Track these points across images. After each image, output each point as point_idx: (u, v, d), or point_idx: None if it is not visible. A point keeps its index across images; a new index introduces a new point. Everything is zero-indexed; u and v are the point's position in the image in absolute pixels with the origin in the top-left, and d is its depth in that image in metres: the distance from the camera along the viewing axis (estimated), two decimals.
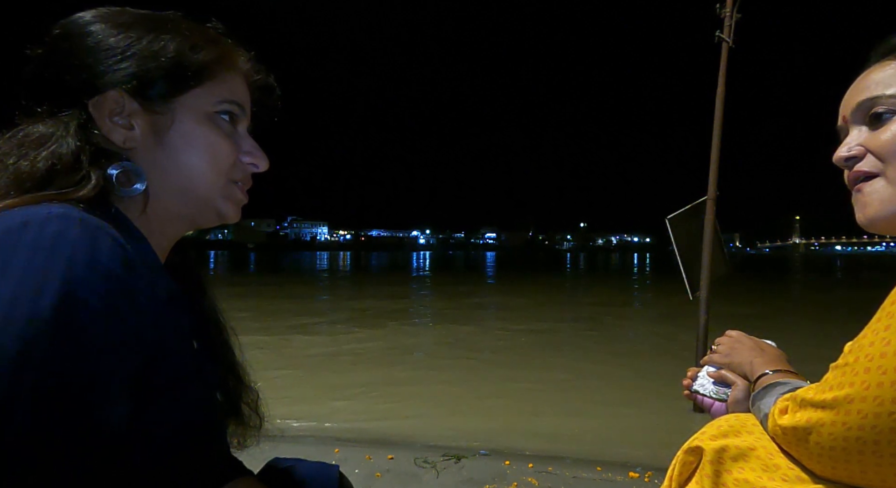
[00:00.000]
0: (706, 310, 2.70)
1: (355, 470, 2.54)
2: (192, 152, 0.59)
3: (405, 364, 5.74)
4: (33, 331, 0.38)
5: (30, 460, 0.37)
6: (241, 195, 0.65)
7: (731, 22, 2.53)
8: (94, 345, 0.41)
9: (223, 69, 0.62)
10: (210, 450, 0.58)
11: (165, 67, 0.58)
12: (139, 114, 0.58)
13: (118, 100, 0.57)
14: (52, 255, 0.42)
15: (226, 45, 0.64)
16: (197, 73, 0.60)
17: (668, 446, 0.96)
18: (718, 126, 2.55)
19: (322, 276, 24.47)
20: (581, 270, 33.83)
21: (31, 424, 0.37)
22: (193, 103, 0.60)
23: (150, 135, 0.58)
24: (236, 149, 0.63)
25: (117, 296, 0.44)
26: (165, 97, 0.58)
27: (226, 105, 0.62)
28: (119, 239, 0.47)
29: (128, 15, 0.60)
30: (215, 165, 0.61)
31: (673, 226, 2.81)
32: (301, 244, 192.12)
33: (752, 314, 9.70)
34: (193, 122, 0.60)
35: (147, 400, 0.48)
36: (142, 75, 0.57)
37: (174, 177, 0.59)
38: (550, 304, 11.72)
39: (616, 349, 6.59)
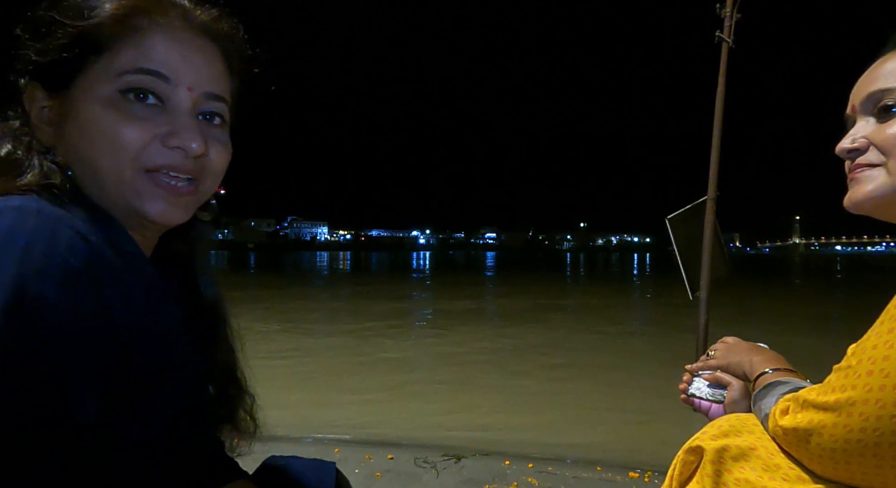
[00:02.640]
0: (706, 311, 2.70)
1: (355, 470, 2.54)
2: (88, 144, 0.50)
3: (405, 364, 5.74)
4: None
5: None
6: (169, 189, 0.53)
7: (732, 22, 2.53)
8: (54, 340, 0.39)
9: (132, 28, 0.50)
10: (199, 444, 0.56)
11: (59, 39, 0.49)
12: (50, 103, 0.52)
13: (32, 92, 0.52)
14: (5, 249, 0.39)
15: (108, 5, 0.50)
16: (88, 42, 0.49)
17: (668, 446, 0.96)
18: (718, 126, 2.55)
19: (322, 277, 24.45)
20: (580, 271, 33.81)
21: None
22: (91, 82, 0.50)
23: (59, 126, 0.52)
24: (148, 133, 0.51)
25: (78, 288, 0.41)
26: (63, 79, 0.50)
27: (134, 77, 0.50)
28: (81, 230, 0.44)
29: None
30: (117, 157, 0.50)
31: (673, 226, 2.81)
32: (301, 244, 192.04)
33: (753, 315, 9.69)
34: (88, 106, 0.50)
35: (129, 393, 0.46)
36: (37, 56, 0.50)
37: (87, 174, 0.51)
38: (550, 305, 11.71)
39: (616, 348, 6.59)
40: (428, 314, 10.41)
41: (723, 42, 2.64)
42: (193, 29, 0.53)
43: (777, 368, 0.82)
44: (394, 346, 6.68)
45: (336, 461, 0.76)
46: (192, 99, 0.53)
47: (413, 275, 26.46)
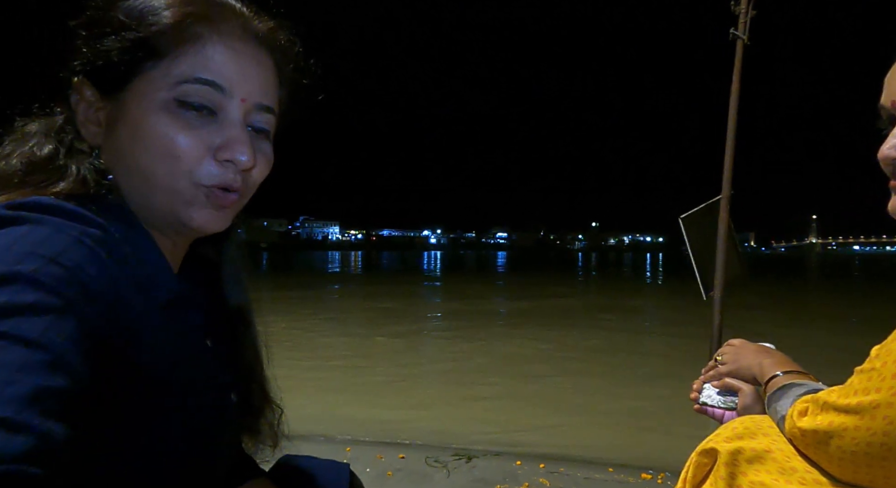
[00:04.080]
0: (720, 311, 2.67)
1: (367, 470, 2.55)
2: (142, 151, 0.49)
3: (417, 364, 5.75)
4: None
5: None
6: (216, 200, 0.52)
7: (747, 18, 2.50)
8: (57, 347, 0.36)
9: (191, 35, 0.49)
10: (217, 456, 0.57)
11: (114, 44, 0.49)
12: (102, 105, 0.51)
13: (85, 92, 0.51)
14: (21, 254, 0.39)
15: (197, 3, 0.50)
16: (150, 47, 0.48)
17: (681, 447, 0.95)
18: (733, 123, 2.52)
19: (335, 277, 24.58)
20: (592, 270, 33.61)
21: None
22: (147, 88, 0.49)
23: (108, 129, 0.51)
24: (203, 144, 0.50)
25: (68, 293, 0.39)
26: (118, 82, 0.50)
27: (191, 86, 0.49)
28: (85, 239, 0.43)
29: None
30: (172, 166, 0.49)
31: (686, 225, 2.78)
32: (313, 244, 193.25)
33: (766, 318, 9.56)
34: (143, 113, 0.49)
35: (144, 408, 0.46)
36: (93, 57, 0.50)
37: (134, 179, 0.51)
38: (560, 306, 11.65)
39: (629, 349, 6.54)
40: (437, 314, 10.42)
41: (738, 39, 2.60)
42: (251, 39, 0.53)
43: (788, 370, 0.81)
44: (407, 346, 6.69)
45: (348, 460, 0.76)
46: (243, 110, 0.52)
47: (423, 275, 26.48)
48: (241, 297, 0.66)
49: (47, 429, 0.33)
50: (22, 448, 0.31)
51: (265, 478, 0.70)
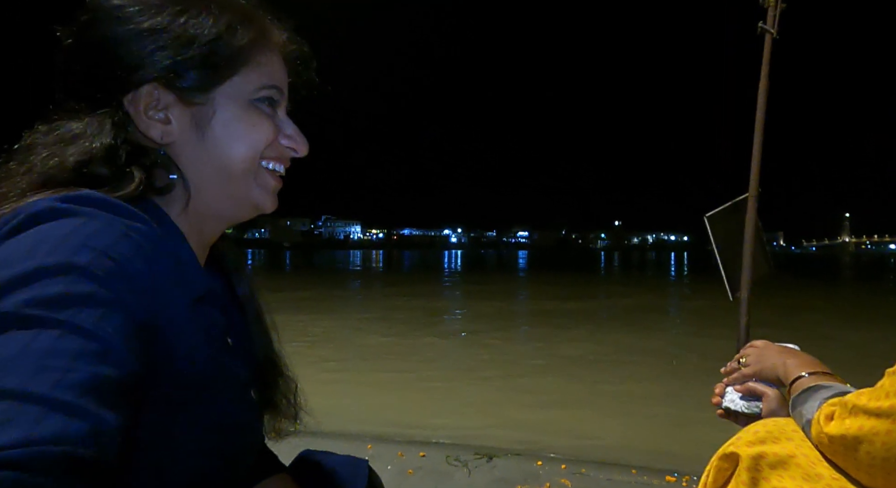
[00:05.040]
0: (747, 312, 2.61)
1: (387, 467, 2.57)
2: (233, 140, 0.57)
3: (439, 362, 5.76)
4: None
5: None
6: (273, 181, 0.61)
7: (776, 12, 2.43)
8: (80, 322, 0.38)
9: (261, 50, 0.59)
10: (243, 450, 0.58)
11: (202, 56, 0.55)
12: (177, 106, 0.56)
13: (154, 94, 0.55)
14: (63, 243, 0.41)
15: (262, 21, 0.60)
16: (234, 60, 0.56)
17: (706, 450, 0.93)
18: (761, 120, 2.45)
19: (355, 276, 24.78)
20: (615, 270, 33.18)
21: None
22: (233, 91, 0.57)
23: (191, 127, 0.56)
24: (276, 131, 0.60)
25: (118, 288, 0.41)
26: (204, 88, 0.56)
27: (265, 91, 0.59)
28: (132, 233, 0.46)
29: (156, 3, 0.55)
30: (252, 149, 0.58)
31: (712, 224, 2.72)
32: (335, 243, 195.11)
33: (793, 319, 9.31)
34: (235, 111, 0.57)
35: (177, 403, 0.47)
36: (177, 66, 0.54)
37: (214, 167, 0.57)
38: (584, 307, 11.54)
39: (653, 350, 6.44)
40: (459, 314, 10.42)
41: (766, 33, 2.54)
42: (288, 52, 0.63)
43: (814, 372, 0.78)
44: (428, 345, 6.71)
45: (369, 457, 0.77)
46: (286, 109, 0.63)
47: (444, 274, 26.50)
48: (250, 292, 0.68)
49: (102, 416, 0.35)
50: (80, 432, 0.33)
51: (285, 474, 0.71)
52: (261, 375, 0.67)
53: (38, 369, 0.34)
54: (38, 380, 0.33)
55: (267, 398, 0.68)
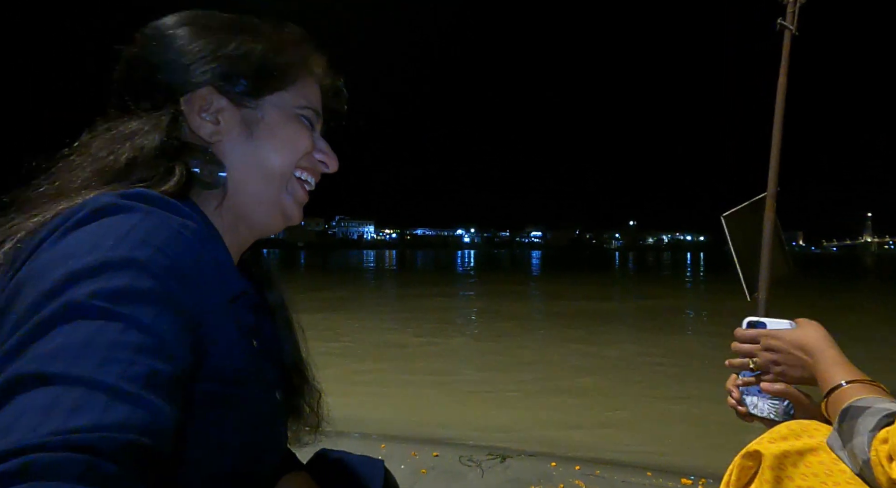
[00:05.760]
0: (765, 313, 2.58)
1: (401, 466, 2.58)
2: (277, 144, 0.62)
3: (452, 362, 5.77)
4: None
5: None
6: (302, 192, 0.66)
7: (795, 8, 2.40)
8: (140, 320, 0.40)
9: (303, 74, 0.65)
10: (270, 448, 0.59)
11: (254, 68, 0.61)
12: (228, 109, 0.60)
13: (208, 96, 0.60)
14: (125, 238, 0.43)
15: (306, 50, 0.66)
16: (282, 76, 0.63)
17: (722, 451, 0.92)
18: (779, 118, 2.42)
19: (374, 276, 24.89)
20: (638, 271, 32.88)
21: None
22: (280, 102, 0.63)
23: (239, 128, 0.61)
24: (313, 144, 0.66)
25: (175, 285, 0.44)
26: (254, 95, 0.61)
27: (305, 111, 0.65)
28: (184, 231, 0.48)
29: (216, 18, 0.62)
30: (292, 154, 0.63)
31: (729, 224, 2.68)
32: (348, 243, 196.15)
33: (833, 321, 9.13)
34: (282, 118, 0.63)
35: (211, 399, 0.48)
36: (232, 74, 0.60)
37: (255, 167, 0.61)
38: (599, 307, 11.46)
39: (669, 350, 6.37)
40: (472, 312, 10.41)
41: (785, 29, 2.50)
42: (324, 83, 0.70)
43: (852, 380, 0.70)
44: (442, 344, 6.72)
45: (382, 456, 0.77)
46: (319, 128, 0.69)
47: (458, 273, 26.49)
48: (281, 300, 0.70)
49: (161, 408, 0.36)
50: (143, 422, 0.35)
51: (304, 471, 0.71)
52: (287, 381, 0.68)
53: (104, 360, 0.36)
54: (104, 371, 0.35)
55: (291, 404, 0.69)
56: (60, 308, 0.38)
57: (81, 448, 0.31)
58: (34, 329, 0.37)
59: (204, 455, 0.49)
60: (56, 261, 0.41)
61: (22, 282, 0.42)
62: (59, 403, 0.33)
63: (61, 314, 0.37)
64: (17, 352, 0.36)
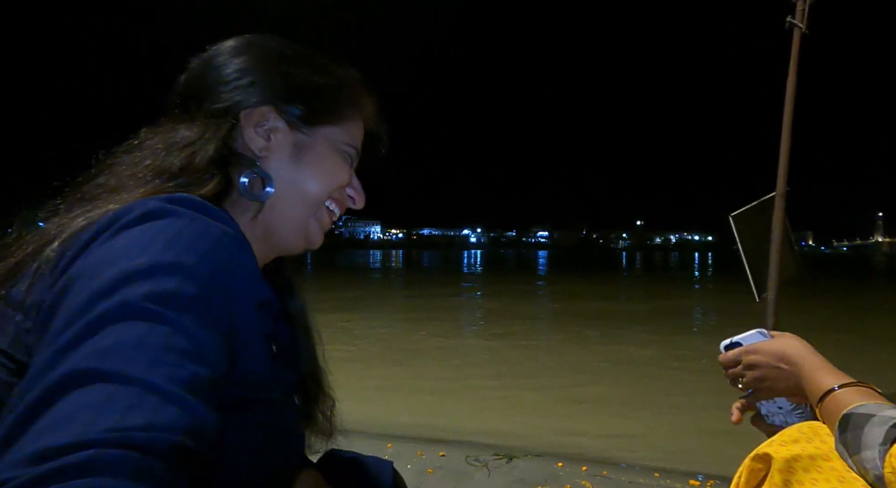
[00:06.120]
0: (774, 313, 2.55)
1: (407, 466, 2.58)
2: (319, 171, 0.65)
3: (459, 361, 5.77)
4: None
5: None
6: (328, 219, 0.69)
7: (805, 6, 2.37)
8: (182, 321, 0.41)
9: (355, 115, 0.69)
10: (290, 453, 0.60)
11: (315, 98, 0.65)
12: (283, 131, 0.64)
13: (266, 114, 0.63)
14: (176, 240, 0.45)
15: (362, 93, 0.70)
16: (338, 112, 0.67)
17: (731, 453, 0.91)
18: (789, 116, 2.39)
19: (383, 275, 24.93)
20: (641, 270, 32.72)
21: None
22: (330, 135, 0.67)
23: (289, 150, 0.64)
24: (349, 180, 0.69)
25: (213, 290, 0.45)
26: (310, 123, 0.65)
27: (349, 148, 0.68)
28: (225, 239, 0.49)
29: (289, 47, 0.66)
30: (329, 184, 0.66)
31: (737, 223, 2.66)
32: (355, 242, 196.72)
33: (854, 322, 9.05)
34: (329, 149, 0.66)
35: (231, 407, 0.48)
36: (294, 99, 0.64)
37: (294, 189, 0.64)
38: (614, 308, 11.41)
39: (676, 350, 6.33)
40: (479, 314, 10.40)
41: (795, 28, 2.48)
42: (369, 126, 0.73)
43: (844, 383, 0.68)
44: (450, 344, 6.72)
45: (389, 455, 0.77)
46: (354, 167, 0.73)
47: (464, 273, 26.48)
48: (302, 309, 0.72)
49: (204, 412, 0.38)
50: (190, 424, 0.36)
51: (314, 470, 0.72)
52: (303, 388, 0.69)
53: (154, 362, 0.37)
54: (155, 373, 0.36)
55: (306, 411, 0.70)
56: (115, 306, 0.39)
57: (136, 446, 0.32)
58: (89, 325, 0.38)
59: (226, 459, 0.49)
60: (108, 261, 0.43)
61: (74, 278, 0.43)
62: (113, 401, 0.34)
63: (115, 313, 0.39)
64: (73, 346, 0.37)
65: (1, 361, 0.47)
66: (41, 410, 0.34)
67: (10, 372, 0.46)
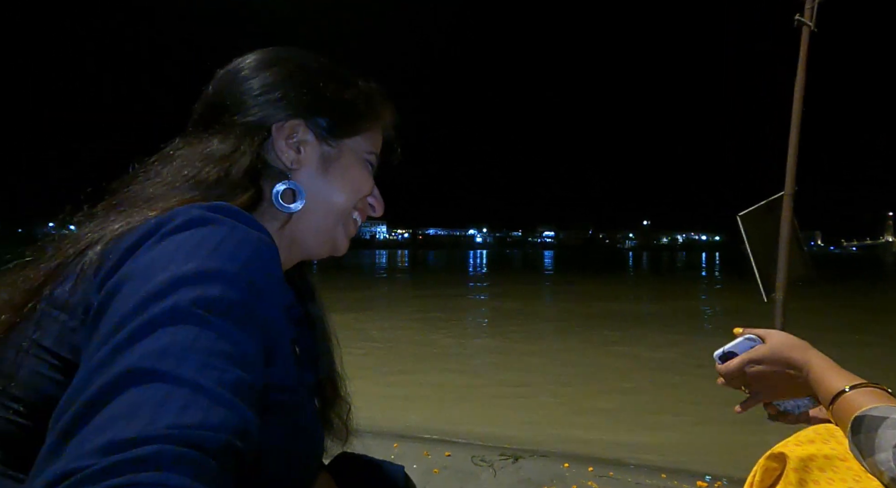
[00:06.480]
0: (783, 313, 2.54)
1: (413, 466, 2.58)
2: (345, 182, 0.68)
3: (464, 362, 5.76)
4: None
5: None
6: (353, 229, 0.71)
7: (814, 4, 2.35)
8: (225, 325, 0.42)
9: (377, 125, 0.72)
10: (311, 455, 0.60)
11: (342, 112, 0.67)
12: (311, 144, 0.66)
13: (298, 128, 0.65)
14: (240, 247, 0.47)
15: (384, 104, 0.72)
16: (362, 125, 0.69)
17: (739, 454, 0.90)
18: (797, 115, 2.38)
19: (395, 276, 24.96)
20: (651, 270, 32.55)
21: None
22: (356, 146, 0.69)
23: (317, 162, 0.66)
24: (372, 189, 0.71)
25: (255, 299, 0.46)
26: (336, 135, 0.67)
27: (370, 156, 0.71)
28: (263, 246, 0.51)
29: (317, 61, 0.69)
30: (355, 195, 0.68)
31: (745, 223, 2.65)
32: (361, 242, 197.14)
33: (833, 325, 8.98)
34: (353, 161, 0.69)
35: (265, 408, 0.49)
36: (322, 112, 0.66)
37: (323, 199, 0.66)
38: (632, 309, 11.37)
39: (684, 350, 6.30)
40: (484, 313, 10.39)
41: (803, 26, 2.46)
42: (387, 134, 0.75)
43: (856, 385, 0.68)
44: (455, 345, 6.72)
45: (395, 455, 0.78)
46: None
47: (469, 273, 26.45)
48: (321, 313, 0.73)
49: (249, 414, 0.39)
50: (238, 425, 0.37)
51: (326, 473, 0.72)
52: (321, 392, 0.70)
53: (203, 365, 0.39)
54: (205, 375, 0.38)
55: (323, 414, 0.71)
56: (167, 310, 0.41)
57: (193, 444, 0.34)
58: (143, 326, 0.40)
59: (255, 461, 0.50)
60: (158, 265, 0.44)
61: (123, 280, 0.45)
62: (171, 399, 0.36)
63: (167, 316, 0.40)
64: (128, 345, 0.39)
65: (46, 359, 0.48)
66: (101, 405, 0.35)
67: (56, 369, 0.48)
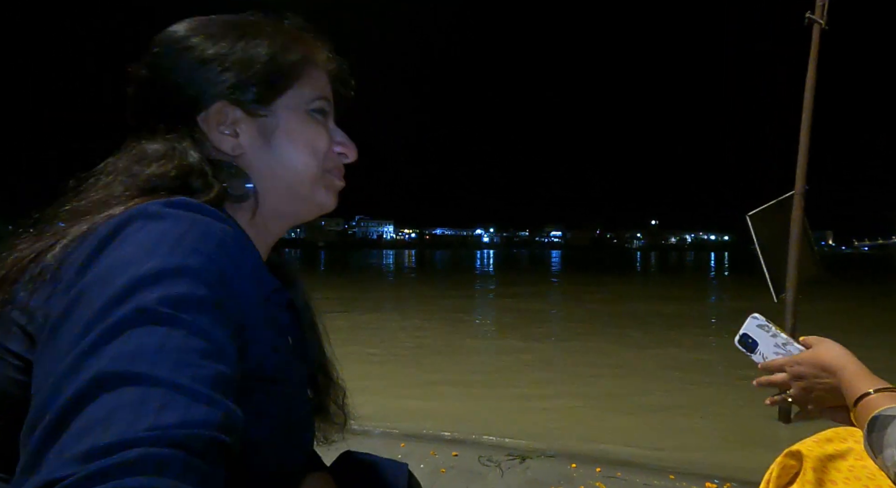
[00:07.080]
0: (793, 314, 2.51)
1: (420, 466, 2.58)
2: (297, 148, 0.62)
3: (472, 361, 5.76)
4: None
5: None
6: (337, 181, 0.67)
7: (825, 1, 2.32)
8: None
9: (310, 66, 0.64)
10: (300, 445, 0.60)
11: (261, 73, 0.60)
12: (244, 120, 0.61)
13: (223, 111, 0.60)
14: (204, 237, 0.46)
15: (308, 42, 0.65)
16: (289, 74, 0.62)
17: (749, 455, 0.89)
18: (808, 114, 2.35)
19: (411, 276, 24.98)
20: (666, 270, 32.35)
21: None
22: (291, 103, 0.62)
23: (258, 138, 0.61)
24: (328, 138, 0.65)
25: (221, 288, 0.46)
26: (266, 101, 0.61)
27: (317, 102, 0.64)
28: (227, 239, 0.50)
29: (217, 24, 0.62)
30: (315, 157, 0.63)
31: (755, 223, 2.62)
32: (368, 242, 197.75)
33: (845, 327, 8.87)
34: (296, 121, 0.62)
35: (249, 397, 0.49)
36: (241, 84, 0.60)
37: (281, 174, 0.62)
38: (623, 309, 11.31)
39: (696, 352, 6.26)
40: (492, 313, 10.38)
41: (814, 23, 2.43)
42: (330, 69, 0.68)
43: (880, 388, 0.69)
44: (462, 344, 6.72)
45: (402, 455, 0.78)
46: (333, 117, 0.68)
47: (476, 273, 26.41)
48: (305, 301, 0.71)
49: (231, 408, 0.39)
50: (220, 420, 0.37)
51: (325, 473, 0.72)
52: (313, 380, 0.70)
53: (177, 363, 0.38)
54: (180, 373, 0.37)
55: (318, 403, 0.70)
56: (132, 312, 0.40)
57: (176, 444, 0.33)
58: (108, 331, 0.39)
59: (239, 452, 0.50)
60: (118, 268, 0.43)
61: (86, 287, 0.44)
62: (147, 401, 0.35)
63: (132, 318, 0.39)
64: (95, 350, 0.38)
65: (10, 361, 0.48)
66: (76, 412, 0.35)
67: (20, 371, 0.47)
